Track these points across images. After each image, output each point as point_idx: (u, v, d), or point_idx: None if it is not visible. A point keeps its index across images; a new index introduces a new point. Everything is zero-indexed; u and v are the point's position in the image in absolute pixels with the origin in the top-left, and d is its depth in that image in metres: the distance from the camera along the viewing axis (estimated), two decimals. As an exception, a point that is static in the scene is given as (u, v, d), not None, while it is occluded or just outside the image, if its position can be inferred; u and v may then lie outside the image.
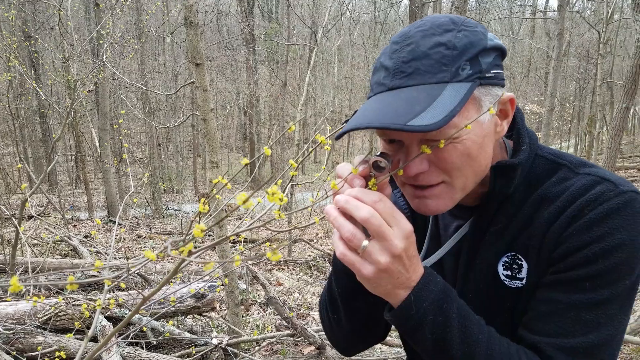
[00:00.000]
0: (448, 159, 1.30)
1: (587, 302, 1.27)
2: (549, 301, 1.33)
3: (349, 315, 1.62)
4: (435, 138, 1.26)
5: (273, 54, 37.02)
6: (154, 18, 28.84)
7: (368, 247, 1.17)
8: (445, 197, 1.37)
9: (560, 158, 1.47)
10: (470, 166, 1.34)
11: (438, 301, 1.25)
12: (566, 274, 1.31)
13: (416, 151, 1.30)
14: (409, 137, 1.31)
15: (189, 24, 5.51)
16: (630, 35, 33.98)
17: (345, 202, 1.19)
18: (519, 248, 1.43)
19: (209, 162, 5.81)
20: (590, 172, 1.39)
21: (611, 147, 8.87)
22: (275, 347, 6.63)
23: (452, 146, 1.29)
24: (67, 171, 31.91)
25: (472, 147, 1.31)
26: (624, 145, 28.54)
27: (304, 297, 9.22)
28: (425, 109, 1.19)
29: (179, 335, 6.14)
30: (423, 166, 1.31)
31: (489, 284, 1.48)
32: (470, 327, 1.27)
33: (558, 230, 1.33)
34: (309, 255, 12.49)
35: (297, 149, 15.58)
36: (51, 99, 15.11)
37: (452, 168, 1.32)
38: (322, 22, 17.32)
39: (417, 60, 1.28)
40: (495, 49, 1.34)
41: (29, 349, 5.39)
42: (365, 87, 42.81)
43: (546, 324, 1.32)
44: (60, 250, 12.08)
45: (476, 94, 1.29)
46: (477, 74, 1.28)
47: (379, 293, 1.27)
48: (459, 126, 1.26)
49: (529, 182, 1.45)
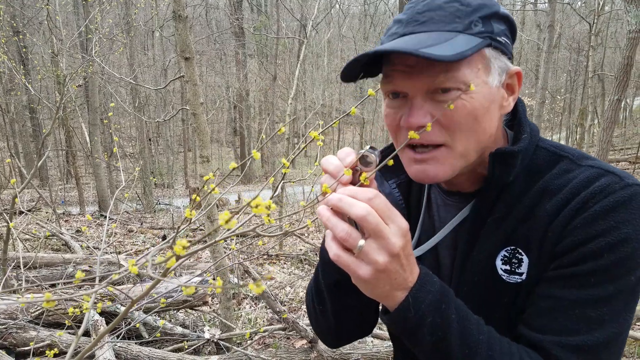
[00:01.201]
0: (454, 117, 1.29)
1: (591, 299, 1.24)
2: (551, 297, 1.30)
3: (335, 308, 1.58)
4: (443, 85, 1.27)
5: (262, 47, 36.95)
6: (142, 12, 28.72)
7: (365, 247, 1.12)
8: (445, 162, 1.35)
9: (561, 150, 1.45)
10: (474, 130, 1.33)
11: (436, 302, 1.21)
12: (570, 268, 1.27)
13: (421, 103, 1.30)
14: (414, 88, 1.30)
15: (178, 17, 5.49)
16: (622, 26, 34.11)
17: (338, 201, 1.14)
18: (519, 241, 1.39)
19: (199, 156, 5.78)
20: (594, 164, 1.37)
21: (603, 139, 8.88)
22: (267, 341, 6.63)
23: (460, 103, 1.28)
24: (58, 166, 31.83)
25: (479, 108, 1.30)
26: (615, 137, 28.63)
27: (295, 291, 9.22)
28: (437, 44, 1.21)
29: (171, 329, 6.13)
30: (425, 120, 1.28)
31: (486, 277, 1.44)
32: (470, 327, 1.23)
33: (562, 223, 1.30)
34: (300, 249, 12.49)
35: (288, 143, 15.57)
36: (41, 94, 14.99)
37: (455, 128, 1.31)
38: (311, 15, 17.25)
39: (432, 11, 1.31)
40: (506, 20, 1.37)
41: (21, 343, 5.38)
42: (355, 80, 42.77)
43: (549, 321, 1.28)
44: (52, 245, 12.04)
45: (486, 53, 1.31)
46: (489, 33, 1.30)
47: (376, 296, 1.22)
48: (468, 78, 1.26)
49: (529, 172, 1.43)
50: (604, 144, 8.88)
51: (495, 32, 1.31)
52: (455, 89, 1.27)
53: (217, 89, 39.36)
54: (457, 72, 1.25)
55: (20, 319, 5.56)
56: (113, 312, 5.82)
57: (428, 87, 1.28)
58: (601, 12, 20.47)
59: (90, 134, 18.11)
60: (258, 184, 33.44)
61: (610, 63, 34.01)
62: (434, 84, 1.27)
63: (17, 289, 6.49)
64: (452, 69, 1.25)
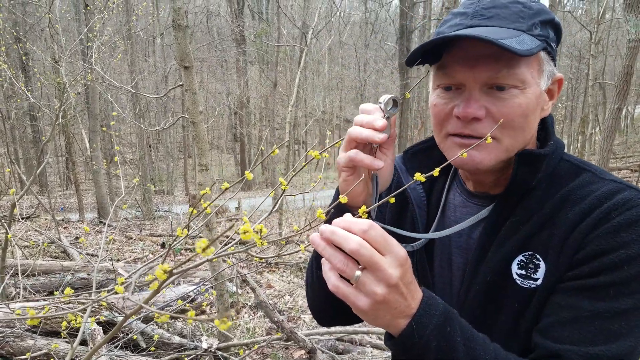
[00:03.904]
0: (510, 113, 1.34)
1: (610, 311, 1.25)
2: (571, 307, 1.30)
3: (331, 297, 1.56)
4: (503, 81, 1.33)
5: (263, 54, 36.98)
6: (143, 19, 28.76)
7: (361, 278, 1.11)
8: (491, 152, 1.40)
9: (584, 164, 1.48)
10: (522, 128, 1.38)
11: (440, 326, 1.19)
12: (591, 279, 1.28)
13: (478, 96, 1.36)
14: (474, 80, 1.35)
15: (178, 26, 5.48)
16: (622, 35, 34.12)
17: (331, 234, 1.13)
18: (537, 247, 1.40)
19: (198, 164, 5.77)
20: (616, 179, 1.41)
21: (604, 147, 8.88)
22: (265, 351, 6.60)
23: (515, 101, 1.34)
24: (57, 172, 31.86)
25: (530, 108, 1.36)
26: (616, 145, 28.67)
27: (294, 300, 9.19)
28: (510, 38, 1.27)
29: (169, 339, 6.10)
30: (481, 112, 1.35)
31: (499, 279, 1.45)
32: (476, 348, 1.22)
33: (583, 232, 1.32)
34: (299, 257, 12.47)
35: (288, 150, 15.57)
36: (41, 101, 15.04)
37: (508, 124, 1.35)
38: (312, 23, 17.30)
39: (497, 8, 1.37)
40: (558, 29, 1.44)
41: (19, 352, 5.36)
42: (355, 88, 42.82)
43: (568, 332, 1.28)
44: (51, 252, 12.04)
45: (542, 56, 1.38)
46: (545, 38, 1.37)
47: (378, 325, 1.21)
48: (525, 77, 1.34)
49: (551, 181, 1.45)
50: (604, 152, 8.88)
51: (550, 38, 1.39)
52: (512, 87, 1.34)
53: (218, 96, 39.40)
54: (517, 70, 1.32)
55: (18, 327, 5.53)
56: (111, 321, 5.80)
57: (487, 80, 1.34)
58: (602, 20, 20.50)
59: (90, 140, 18.12)
60: (258, 190, 33.51)
61: (612, 71, 34.09)
62: (495, 78, 1.34)
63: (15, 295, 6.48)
64: (515, 65, 1.31)
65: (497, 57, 1.30)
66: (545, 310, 1.36)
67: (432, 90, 1.49)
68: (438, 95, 1.45)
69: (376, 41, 42.96)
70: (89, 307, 1.92)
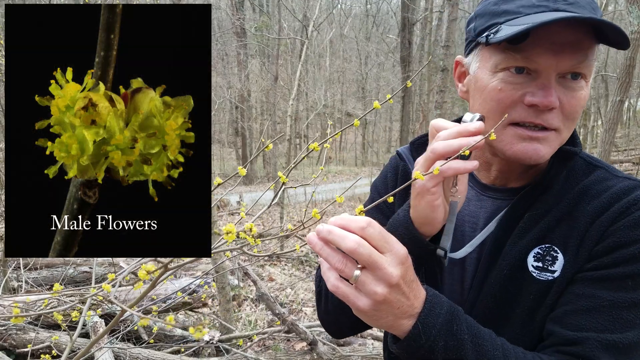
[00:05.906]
0: (577, 104, 1.35)
1: (628, 302, 1.27)
2: (589, 297, 1.31)
3: (341, 307, 1.49)
4: (579, 69, 1.32)
5: (264, 47, 36.91)
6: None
7: (361, 277, 1.08)
8: (552, 145, 1.37)
9: (597, 162, 1.51)
10: (577, 121, 1.39)
11: (447, 324, 1.17)
12: (609, 270, 1.31)
13: (553, 83, 1.31)
14: (555, 66, 1.31)
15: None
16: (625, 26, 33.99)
17: (328, 234, 1.09)
18: (556, 240, 1.41)
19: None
20: (630, 177, 1.44)
21: (605, 140, 8.84)
22: (267, 343, 6.61)
23: (584, 92, 1.35)
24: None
25: (585, 100, 1.37)
26: (618, 138, 28.55)
27: (296, 293, 9.21)
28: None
29: (171, 331, 6.11)
30: (557, 102, 1.32)
31: (515, 272, 1.44)
32: (484, 345, 1.21)
33: (604, 224, 1.34)
34: (301, 250, 12.48)
35: (289, 144, 15.56)
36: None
37: (572, 116, 1.36)
38: (313, 15, 17.26)
39: None
40: None
41: (21, 344, 5.37)
42: (357, 81, 42.74)
43: (586, 320, 1.29)
44: (52, 245, 12.06)
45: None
46: None
47: (380, 326, 1.18)
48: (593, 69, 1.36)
49: (567, 176, 1.47)
50: (606, 144, 8.85)
51: None
52: (582, 77, 1.34)
53: (219, 90, 39.38)
54: (592, 59, 1.32)
55: (20, 320, 5.54)
56: (112, 314, 5.80)
57: (569, 68, 1.31)
58: (604, 12, 20.45)
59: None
60: (260, 184, 33.46)
61: (614, 63, 33.92)
62: (577, 66, 1.31)
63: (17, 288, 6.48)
64: (591, 54, 1.31)
65: (580, 45, 1.28)
66: (562, 300, 1.37)
67: (491, 73, 1.39)
68: (504, 79, 1.35)
69: (378, 34, 42.85)
70: (88, 299, 1.92)
